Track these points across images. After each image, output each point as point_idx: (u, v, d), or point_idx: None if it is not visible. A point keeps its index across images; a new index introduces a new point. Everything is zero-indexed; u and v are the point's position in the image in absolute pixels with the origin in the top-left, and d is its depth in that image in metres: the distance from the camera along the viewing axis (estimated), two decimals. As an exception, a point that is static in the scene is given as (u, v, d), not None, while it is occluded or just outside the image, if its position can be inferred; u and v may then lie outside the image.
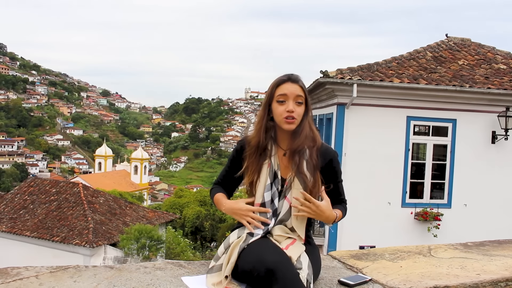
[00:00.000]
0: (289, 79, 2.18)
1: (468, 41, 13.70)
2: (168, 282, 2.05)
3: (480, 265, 2.57)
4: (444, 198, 11.18)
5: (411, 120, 10.96)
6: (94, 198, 23.27)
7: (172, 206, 39.12)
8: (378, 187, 10.82)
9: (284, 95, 2.15)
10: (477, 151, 11.13)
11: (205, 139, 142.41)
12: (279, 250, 1.97)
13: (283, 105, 2.14)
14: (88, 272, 2.09)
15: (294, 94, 2.15)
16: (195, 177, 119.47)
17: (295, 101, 2.15)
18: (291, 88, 2.15)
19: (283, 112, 2.13)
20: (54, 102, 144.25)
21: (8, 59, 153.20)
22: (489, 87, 10.76)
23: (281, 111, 2.14)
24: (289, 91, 2.15)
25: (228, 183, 2.33)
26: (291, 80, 2.18)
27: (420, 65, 11.83)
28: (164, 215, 26.19)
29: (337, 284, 2.19)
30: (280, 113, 2.14)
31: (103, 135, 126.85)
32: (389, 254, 2.75)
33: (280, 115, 2.14)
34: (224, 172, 2.33)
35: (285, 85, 2.17)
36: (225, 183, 2.34)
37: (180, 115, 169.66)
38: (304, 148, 2.16)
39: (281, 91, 2.16)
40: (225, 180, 2.33)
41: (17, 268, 2.07)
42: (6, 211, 22.25)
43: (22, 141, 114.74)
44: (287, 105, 2.13)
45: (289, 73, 2.21)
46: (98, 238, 19.63)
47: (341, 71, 10.68)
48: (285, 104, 2.14)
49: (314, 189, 2.14)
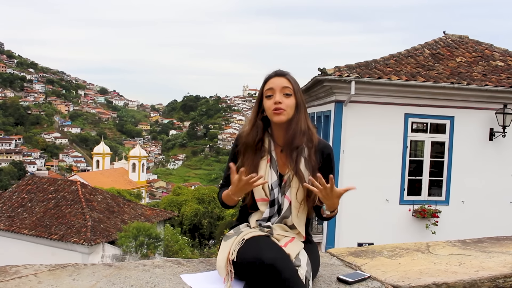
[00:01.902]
0: (275, 74, 2.22)
1: (466, 38, 13.72)
2: (167, 279, 2.05)
3: (478, 262, 2.57)
4: (442, 195, 11.20)
5: (409, 117, 10.97)
6: (92, 196, 23.24)
7: (170, 203, 39.15)
8: (376, 184, 10.83)
9: (271, 89, 2.18)
10: (475, 148, 11.15)
11: (203, 137, 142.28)
12: (278, 247, 1.98)
13: (271, 99, 2.17)
14: (87, 270, 2.09)
15: (280, 86, 2.17)
16: (193, 175, 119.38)
17: (282, 92, 2.17)
18: (277, 82, 2.19)
19: (271, 105, 2.16)
20: (52, 100, 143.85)
21: (5, 57, 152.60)
22: (487, 84, 10.78)
23: (270, 104, 2.17)
24: (275, 84, 2.18)
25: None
26: (277, 74, 2.22)
27: (418, 62, 11.84)
28: (162, 213, 26.18)
29: (336, 281, 2.19)
30: (269, 106, 2.17)
31: (101, 133, 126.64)
32: (388, 251, 2.75)
33: (269, 108, 2.17)
34: (226, 174, 2.29)
35: (271, 79, 2.21)
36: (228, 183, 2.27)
37: (178, 113, 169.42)
38: (302, 146, 2.16)
39: (268, 85, 2.20)
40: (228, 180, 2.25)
41: (16, 267, 2.06)
42: (4, 209, 22.22)
43: (19, 139, 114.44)
44: (274, 97, 2.16)
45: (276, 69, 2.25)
46: (96, 236, 19.61)
47: (339, 69, 10.68)
48: (273, 97, 2.17)
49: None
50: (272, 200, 2.17)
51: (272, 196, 2.18)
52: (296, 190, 2.16)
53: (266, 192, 2.18)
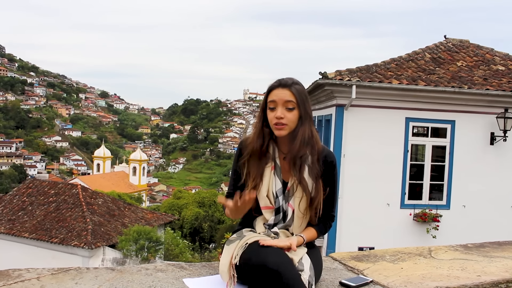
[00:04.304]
0: (279, 84, 2.16)
1: (466, 42, 13.73)
2: (169, 284, 2.05)
3: (480, 267, 2.57)
4: (443, 199, 11.18)
5: (410, 122, 10.97)
6: (92, 199, 23.25)
7: (171, 207, 39.11)
8: (377, 188, 10.82)
9: (273, 102, 2.14)
10: (475, 153, 11.14)
11: (204, 141, 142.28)
12: (281, 252, 1.97)
13: (273, 112, 2.14)
14: (89, 274, 2.09)
15: (283, 100, 2.13)
16: (193, 179, 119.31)
17: (285, 107, 2.12)
18: (280, 94, 2.13)
19: (273, 119, 2.13)
20: (53, 103, 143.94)
21: (6, 61, 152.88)
22: (488, 89, 10.78)
23: (271, 117, 2.14)
24: (278, 97, 2.13)
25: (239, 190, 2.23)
26: (281, 85, 2.15)
27: (419, 66, 11.84)
28: (163, 217, 26.18)
29: (338, 285, 2.19)
30: (270, 119, 2.14)
31: (101, 136, 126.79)
32: (390, 255, 2.75)
33: (271, 121, 2.15)
34: (233, 181, 2.28)
35: (275, 91, 2.15)
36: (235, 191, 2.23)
37: (178, 117, 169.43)
38: (306, 154, 2.15)
39: (271, 97, 2.15)
40: (234, 188, 2.25)
41: (19, 270, 2.07)
42: (4, 213, 22.20)
43: (20, 142, 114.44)
44: (276, 112, 2.13)
45: (281, 78, 2.19)
46: (96, 240, 19.59)
47: (340, 73, 10.69)
48: (275, 111, 2.13)
49: (316, 198, 2.16)
50: (277, 207, 2.18)
51: (277, 203, 2.18)
52: (300, 199, 2.16)
53: (271, 200, 2.18)
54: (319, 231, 2.25)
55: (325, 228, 2.28)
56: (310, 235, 2.20)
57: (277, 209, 2.17)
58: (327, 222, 2.28)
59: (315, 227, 2.23)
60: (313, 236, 2.21)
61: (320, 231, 2.25)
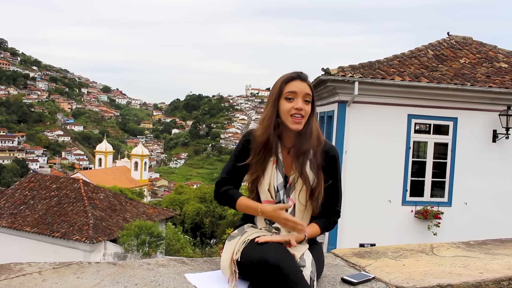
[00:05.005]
0: (298, 76, 2.16)
1: (469, 39, 13.68)
2: (171, 279, 2.05)
3: (482, 264, 2.57)
4: (445, 197, 11.18)
5: (412, 118, 10.95)
6: (94, 194, 23.28)
7: (172, 202, 39.17)
8: (378, 185, 10.82)
9: (294, 93, 2.12)
10: (478, 150, 11.12)
11: (206, 136, 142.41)
12: (283, 247, 1.97)
13: (291, 102, 2.12)
14: (91, 269, 2.09)
15: (304, 92, 2.13)
16: (195, 174, 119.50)
17: (304, 99, 2.13)
18: (300, 86, 2.13)
19: (291, 109, 2.11)
20: (55, 97, 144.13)
21: (9, 55, 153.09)
22: (491, 86, 10.75)
23: (289, 108, 2.11)
24: (299, 88, 2.13)
25: (237, 177, 2.24)
26: (300, 78, 2.15)
27: (422, 63, 11.81)
28: (164, 212, 26.20)
29: (340, 282, 2.19)
30: (288, 109, 2.11)
31: (103, 131, 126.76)
32: (392, 252, 2.75)
33: (287, 111, 2.11)
34: (231, 167, 2.22)
35: (294, 82, 2.14)
36: (233, 178, 2.23)
37: (180, 112, 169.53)
38: (309, 149, 2.15)
39: (291, 88, 2.13)
40: (233, 174, 2.22)
41: (20, 264, 2.07)
42: (6, 207, 22.25)
43: (22, 136, 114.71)
44: (296, 103, 2.11)
45: (297, 71, 2.19)
46: (98, 234, 19.64)
47: (343, 69, 10.67)
48: (294, 102, 2.11)
49: (317, 188, 2.15)
50: (278, 202, 2.16)
51: (278, 198, 2.17)
52: (299, 192, 2.16)
53: (272, 194, 2.17)
54: (323, 227, 2.22)
55: (329, 224, 2.24)
56: (313, 231, 2.17)
57: (278, 203, 2.16)
58: (331, 217, 2.25)
59: (319, 223, 2.20)
60: (316, 232, 2.19)
61: (324, 227, 2.22)
